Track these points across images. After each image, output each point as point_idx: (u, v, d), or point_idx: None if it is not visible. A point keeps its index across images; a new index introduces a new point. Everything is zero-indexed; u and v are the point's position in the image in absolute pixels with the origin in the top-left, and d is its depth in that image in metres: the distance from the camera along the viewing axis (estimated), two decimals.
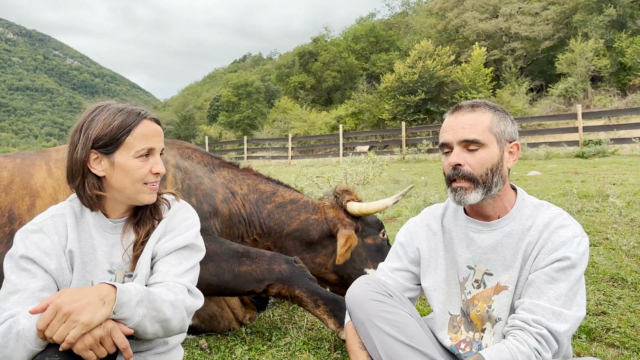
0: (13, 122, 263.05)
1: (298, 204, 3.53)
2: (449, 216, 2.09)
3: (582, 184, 8.67)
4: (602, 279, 3.81)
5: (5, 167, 2.84)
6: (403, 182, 11.50)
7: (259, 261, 2.87)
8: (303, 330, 3.13)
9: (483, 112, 1.89)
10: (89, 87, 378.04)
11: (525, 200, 1.95)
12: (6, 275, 1.66)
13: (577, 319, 1.70)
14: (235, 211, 3.26)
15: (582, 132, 16.95)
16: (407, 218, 6.75)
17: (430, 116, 36.03)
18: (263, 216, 3.40)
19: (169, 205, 1.94)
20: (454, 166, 1.87)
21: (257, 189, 3.49)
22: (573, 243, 1.76)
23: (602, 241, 4.91)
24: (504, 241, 1.89)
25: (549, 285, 1.72)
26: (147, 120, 1.81)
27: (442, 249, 2.06)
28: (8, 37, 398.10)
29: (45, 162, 2.93)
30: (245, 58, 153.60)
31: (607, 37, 32.50)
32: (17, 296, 1.60)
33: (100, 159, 1.75)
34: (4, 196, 2.70)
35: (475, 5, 42.65)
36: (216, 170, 3.43)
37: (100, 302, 1.43)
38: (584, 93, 31.18)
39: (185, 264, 1.81)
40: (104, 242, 1.82)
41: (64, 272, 1.74)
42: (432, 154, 20.92)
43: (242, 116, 56.51)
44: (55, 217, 1.80)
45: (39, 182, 2.79)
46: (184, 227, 1.88)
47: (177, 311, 1.64)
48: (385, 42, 51.51)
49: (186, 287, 1.74)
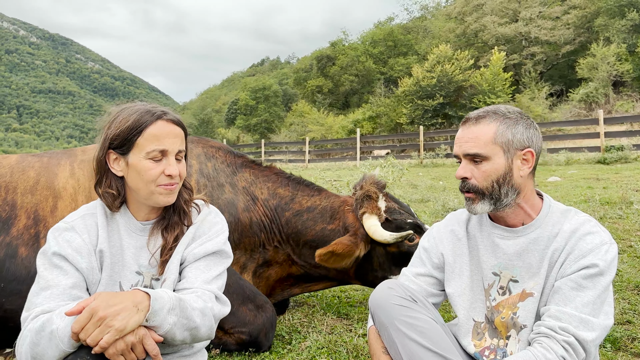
0: (35, 124, 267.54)
1: (314, 213, 3.39)
2: (474, 222, 2.08)
3: (604, 190, 8.53)
4: (626, 287, 3.75)
5: (32, 167, 2.88)
6: (421, 186, 11.43)
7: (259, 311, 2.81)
8: (323, 334, 3.13)
9: (487, 124, 1.86)
10: (109, 90, 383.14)
11: (552, 207, 1.92)
12: (39, 271, 1.69)
13: (605, 328, 1.67)
14: (256, 219, 3.23)
15: (604, 138, 16.69)
16: (426, 223, 6.72)
17: (448, 120, 35.85)
18: (282, 223, 3.35)
19: (199, 210, 1.94)
20: (461, 179, 1.92)
21: (277, 193, 3.41)
22: (601, 250, 1.72)
23: (626, 249, 4.83)
24: (530, 247, 1.87)
25: (576, 293, 1.70)
26: (162, 121, 1.77)
27: (467, 255, 2.04)
28: (32, 40, 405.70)
29: (70, 162, 2.96)
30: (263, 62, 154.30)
31: (630, 41, 32.04)
32: (49, 292, 1.63)
33: (118, 159, 1.77)
34: (30, 197, 2.73)
35: (495, 10, 42.33)
36: (239, 171, 3.39)
37: (135, 308, 1.45)
38: (606, 98, 30.74)
39: (214, 270, 1.82)
40: (132, 243, 1.83)
41: (93, 271, 1.76)
42: (450, 158, 20.76)
43: (260, 119, 56.82)
44: (86, 217, 1.83)
45: (61, 183, 2.82)
46: (214, 233, 1.89)
47: (205, 319, 1.65)
48: (403, 46, 51.41)
49: (214, 294, 1.76)
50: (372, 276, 3.30)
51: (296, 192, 3.49)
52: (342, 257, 3.05)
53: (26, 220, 2.65)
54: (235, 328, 2.70)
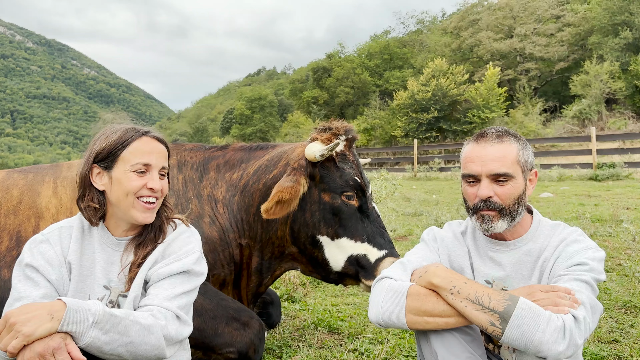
0: (29, 130, 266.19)
1: (259, 173, 3.05)
2: (468, 235, 2.11)
3: (595, 208, 8.61)
4: (614, 306, 3.78)
5: (16, 185, 2.85)
6: (414, 200, 11.48)
7: (246, 328, 2.71)
8: (313, 348, 3.14)
9: (510, 144, 1.90)
10: (104, 97, 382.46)
11: (542, 221, 1.99)
12: (13, 282, 1.75)
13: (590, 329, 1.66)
14: (224, 226, 2.99)
15: (596, 155, 16.85)
16: (418, 237, 6.74)
17: (442, 134, 36.03)
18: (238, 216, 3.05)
19: (174, 228, 1.97)
20: (484, 200, 1.88)
21: (232, 183, 3.10)
22: (587, 252, 1.79)
23: (615, 267, 4.87)
24: (522, 259, 1.93)
25: (570, 284, 1.71)
26: (147, 137, 1.86)
27: (467, 259, 2.06)
28: (28, 45, 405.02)
29: (54, 179, 2.92)
30: (259, 72, 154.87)
31: (623, 59, 32.41)
32: (20, 303, 1.67)
33: (102, 174, 1.84)
34: (13, 218, 2.70)
35: (490, 25, 42.80)
36: (205, 173, 3.16)
37: (49, 316, 1.47)
38: (598, 115, 31.02)
39: (179, 288, 1.78)
40: (103, 257, 1.87)
41: (64, 282, 1.81)
42: (444, 172, 20.88)
43: (255, 129, 56.91)
44: (63, 229, 1.89)
45: (44, 202, 2.78)
46: (183, 253, 1.87)
47: (151, 337, 1.62)
48: (399, 59, 51.79)
49: (173, 312, 1.72)
50: (302, 233, 2.93)
51: (246, 165, 3.15)
52: (289, 202, 2.70)
53: (8, 242, 2.62)
54: (223, 349, 2.66)
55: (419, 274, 1.88)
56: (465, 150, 1.98)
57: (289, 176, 2.78)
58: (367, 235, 2.87)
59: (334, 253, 2.89)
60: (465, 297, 1.69)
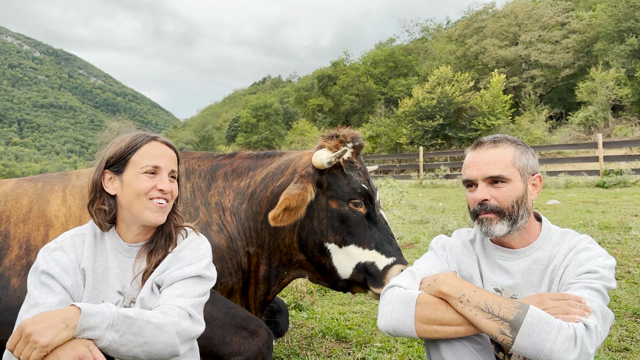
0: (36, 139, 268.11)
1: (266, 180, 3.05)
2: (477, 243, 2.11)
3: (602, 215, 8.56)
4: (624, 314, 3.75)
5: (26, 194, 2.85)
6: (420, 207, 11.45)
7: (254, 337, 2.69)
8: (322, 357, 3.13)
9: (505, 147, 1.93)
10: (110, 106, 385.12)
11: (551, 229, 1.99)
12: (29, 289, 1.76)
13: (602, 337, 1.63)
14: (231, 234, 2.98)
15: (603, 162, 16.77)
16: (425, 245, 6.73)
17: (448, 141, 35.99)
18: (246, 224, 3.05)
19: (185, 236, 1.99)
20: (480, 202, 1.91)
21: (239, 191, 3.10)
22: (598, 259, 1.78)
23: (624, 275, 4.84)
24: (532, 267, 1.92)
25: (580, 291, 1.70)
26: (155, 141, 1.93)
27: (476, 268, 2.06)
28: (35, 55, 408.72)
29: (63, 188, 2.92)
30: (265, 80, 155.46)
31: (629, 66, 32.37)
32: (37, 310, 1.67)
33: (113, 178, 1.89)
34: (22, 227, 2.70)
35: (495, 33, 42.86)
36: (213, 181, 3.16)
37: (63, 324, 1.47)
38: (605, 122, 30.94)
39: (191, 290, 1.81)
40: (116, 263, 1.90)
41: (79, 289, 1.84)
42: (450, 179, 20.82)
43: (260, 137, 57.07)
44: (75, 237, 1.92)
45: (53, 211, 2.78)
46: (195, 258, 1.90)
47: (163, 335, 1.62)
48: (404, 67, 51.86)
49: (185, 310, 1.73)
50: (310, 241, 2.92)
51: (254, 173, 3.14)
52: (296, 209, 2.70)
53: (18, 250, 2.62)
54: (231, 357, 2.65)
55: (428, 282, 1.88)
56: (465, 159, 2.02)
57: (296, 183, 2.77)
58: (375, 242, 2.86)
59: (341, 260, 2.88)
60: (475, 306, 1.69)
